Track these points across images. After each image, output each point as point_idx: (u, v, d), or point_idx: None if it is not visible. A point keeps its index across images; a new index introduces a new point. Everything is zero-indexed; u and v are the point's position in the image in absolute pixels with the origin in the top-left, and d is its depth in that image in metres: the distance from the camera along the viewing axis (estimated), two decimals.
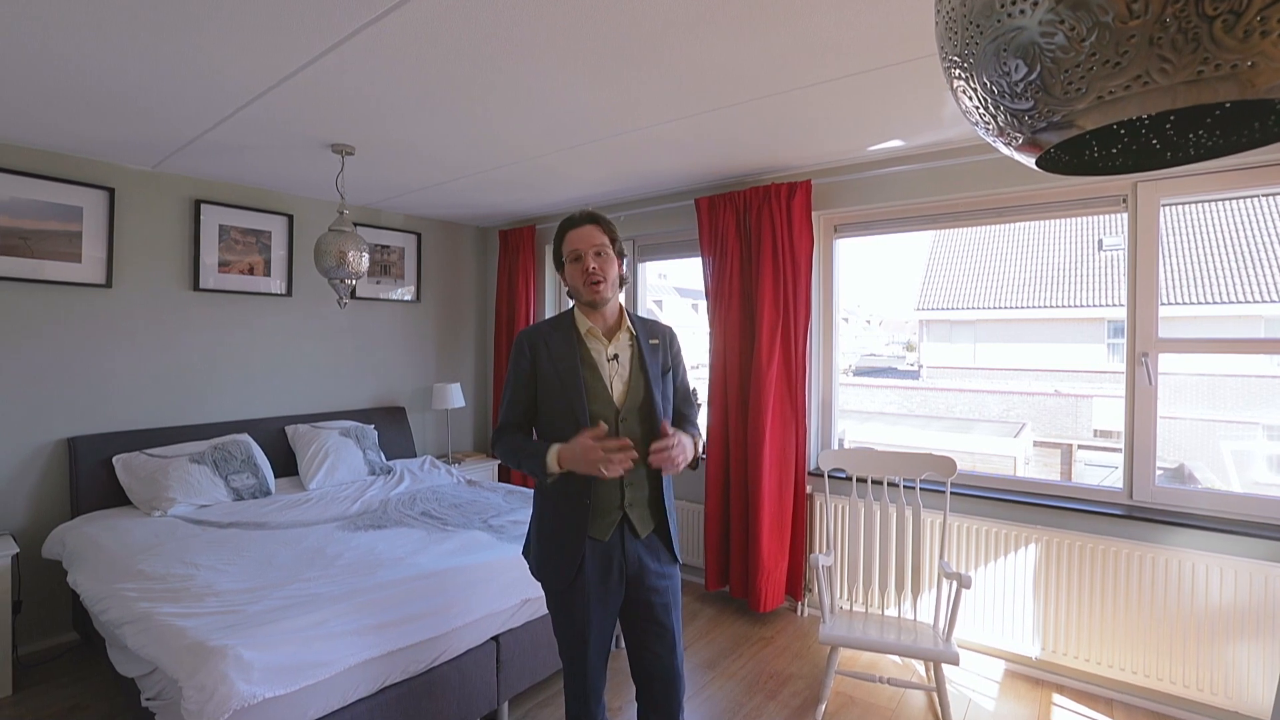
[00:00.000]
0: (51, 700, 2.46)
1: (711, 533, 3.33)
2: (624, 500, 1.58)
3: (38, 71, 1.98)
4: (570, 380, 1.57)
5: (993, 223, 2.88)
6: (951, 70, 0.60)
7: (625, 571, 1.59)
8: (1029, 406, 10.02)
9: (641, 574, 1.60)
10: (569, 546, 1.57)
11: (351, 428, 3.64)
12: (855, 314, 25.45)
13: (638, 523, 1.59)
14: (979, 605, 2.70)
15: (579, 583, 1.57)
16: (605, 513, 1.58)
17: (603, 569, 1.58)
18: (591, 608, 1.57)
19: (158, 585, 2.05)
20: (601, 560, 1.58)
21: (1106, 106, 0.49)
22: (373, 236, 4.03)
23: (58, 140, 2.68)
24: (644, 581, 1.60)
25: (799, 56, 1.87)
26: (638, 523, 1.59)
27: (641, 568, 1.60)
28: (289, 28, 1.69)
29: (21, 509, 2.81)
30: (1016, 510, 2.65)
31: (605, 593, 1.59)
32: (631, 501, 1.59)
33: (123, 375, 3.08)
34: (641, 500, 1.61)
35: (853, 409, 11.25)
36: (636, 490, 1.60)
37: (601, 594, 1.58)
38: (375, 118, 2.37)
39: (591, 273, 1.58)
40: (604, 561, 1.58)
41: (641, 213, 3.82)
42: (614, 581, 1.59)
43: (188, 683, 1.55)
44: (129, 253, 3.08)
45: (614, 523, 1.58)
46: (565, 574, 1.57)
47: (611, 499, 1.58)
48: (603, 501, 1.57)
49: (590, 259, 1.59)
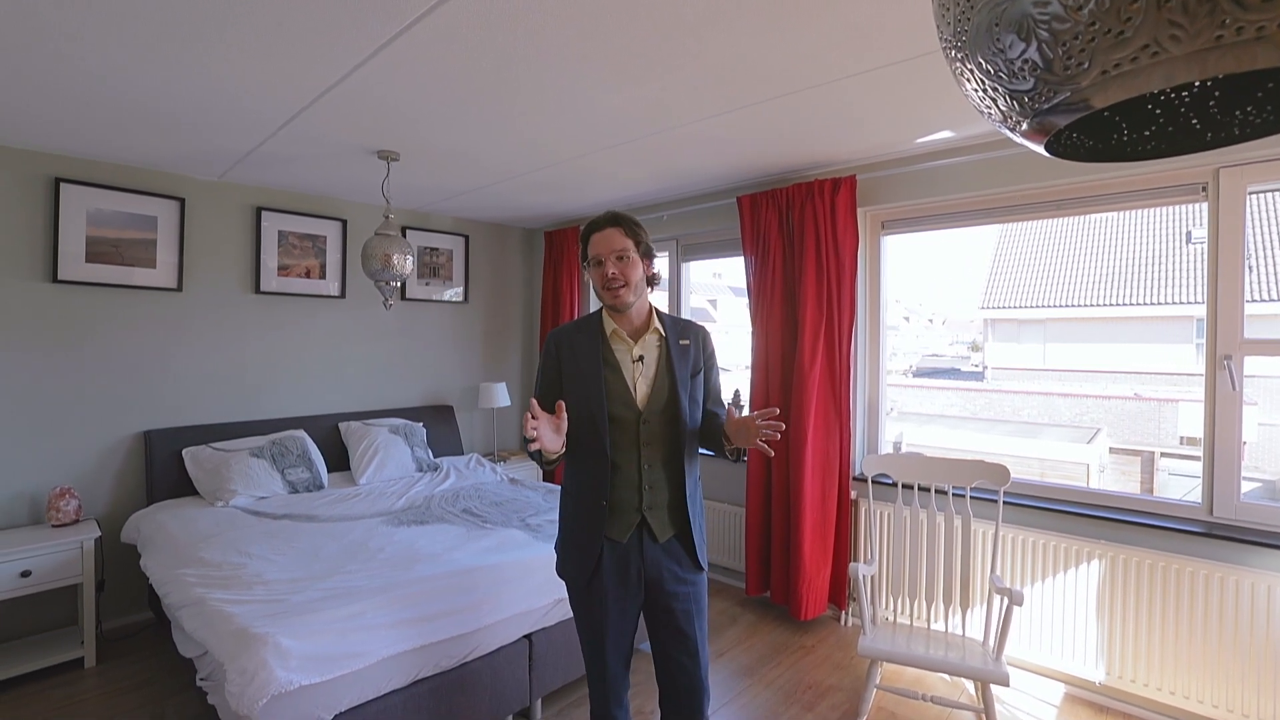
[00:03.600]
0: (129, 673, 2.65)
1: (752, 537, 3.26)
2: (642, 503, 1.56)
3: (113, 97, 2.17)
4: (592, 381, 1.56)
5: (1055, 215, 2.69)
6: (949, 52, 0.55)
7: (644, 575, 1.57)
8: (1105, 411, 9.37)
9: (660, 579, 1.57)
10: (587, 546, 1.57)
11: (401, 425, 3.76)
12: (917, 313, 24.53)
13: (656, 527, 1.57)
14: (1036, 623, 2.54)
15: (596, 583, 1.57)
16: (623, 514, 1.56)
17: (620, 570, 1.56)
18: (609, 608, 1.56)
19: (214, 572, 2.17)
20: (619, 562, 1.56)
21: (1114, 82, 0.44)
22: (422, 239, 4.16)
23: (135, 155, 2.88)
24: (663, 587, 1.58)
25: (839, 45, 1.80)
26: (656, 527, 1.57)
27: (660, 572, 1.57)
28: (322, 47, 1.78)
29: (104, 496, 3.04)
30: (1078, 523, 2.48)
31: (623, 594, 1.57)
32: (650, 505, 1.57)
33: (191, 373, 3.28)
34: (660, 504, 1.58)
35: (912, 411, 10.83)
36: (655, 494, 1.57)
37: (619, 595, 1.57)
38: (412, 124, 2.44)
39: (611, 278, 1.56)
40: (621, 563, 1.56)
41: (684, 212, 3.79)
42: (632, 584, 1.57)
43: (231, 666, 1.64)
44: (197, 258, 3.28)
45: (632, 525, 1.56)
46: (583, 572, 1.58)
47: (630, 500, 1.56)
48: (621, 503, 1.56)
49: (610, 264, 1.56)
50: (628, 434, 1.56)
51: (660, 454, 1.57)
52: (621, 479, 1.55)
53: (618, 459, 1.56)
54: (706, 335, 1.71)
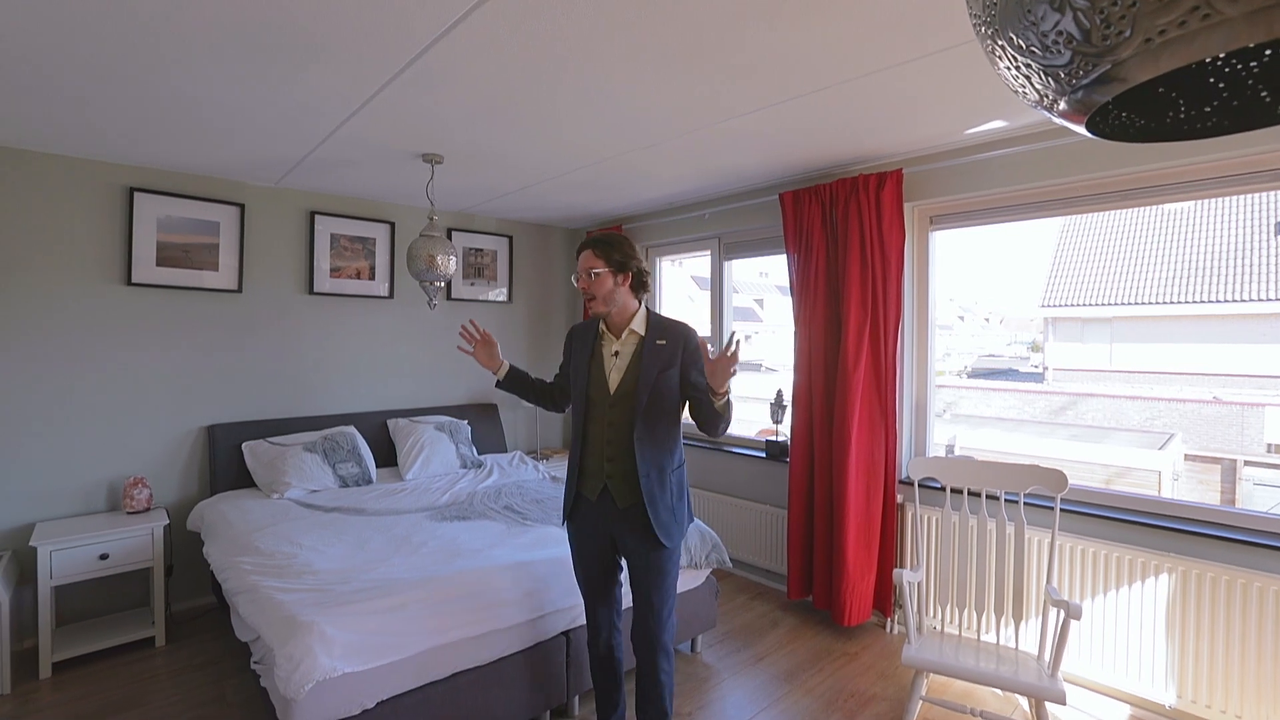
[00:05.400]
0: (194, 653, 2.81)
1: (795, 540, 3.20)
2: (604, 470, 1.90)
3: (182, 113, 2.34)
4: (581, 369, 1.97)
5: (1121, 206, 2.53)
6: (980, 29, 0.52)
7: (607, 530, 1.94)
8: (1179, 415, 8.77)
9: (621, 537, 1.93)
10: (568, 494, 2.00)
11: (446, 423, 3.85)
12: (972, 311, 23.60)
13: (615, 494, 1.89)
14: (1098, 638, 2.40)
15: (571, 526, 2.02)
16: (592, 477, 1.93)
17: (589, 521, 1.97)
18: (581, 546, 2.00)
19: (267, 561, 2.27)
20: (589, 514, 1.96)
21: (1159, 51, 0.40)
22: (467, 240, 4.25)
23: (199, 164, 3.05)
24: (624, 545, 1.94)
25: (883, 34, 1.73)
26: (615, 494, 1.89)
27: (620, 532, 1.92)
28: (362, 60, 1.87)
29: (172, 486, 3.23)
30: (1146, 534, 2.33)
31: (591, 540, 1.97)
32: (610, 473, 1.89)
33: (250, 370, 3.45)
34: (618, 473, 1.89)
35: (967, 414, 10.40)
36: (615, 465, 1.89)
37: (588, 539, 1.98)
38: (453, 127, 2.49)
39: (583, 290, 1.92)
40: (590, 515, 1.96)
41: (726, 209, 3.75)
42: (598, 535, 1.96)
43: (279, 652, 1.70)
44: (256, 260, 3.44)
45: (598, 488, 1.92)
46: (565, 512, 2.03)
47: (597, 465, 1.91)
48: (590, 468, 1.93)
49: (584, 278, 1.90)
50: (599, 412, 1.92)
51: (620, 434, 1.89)
52: (592, 448, 1.93)
53: (589, 431, 1.93)
54: (689, 334, 1.95)
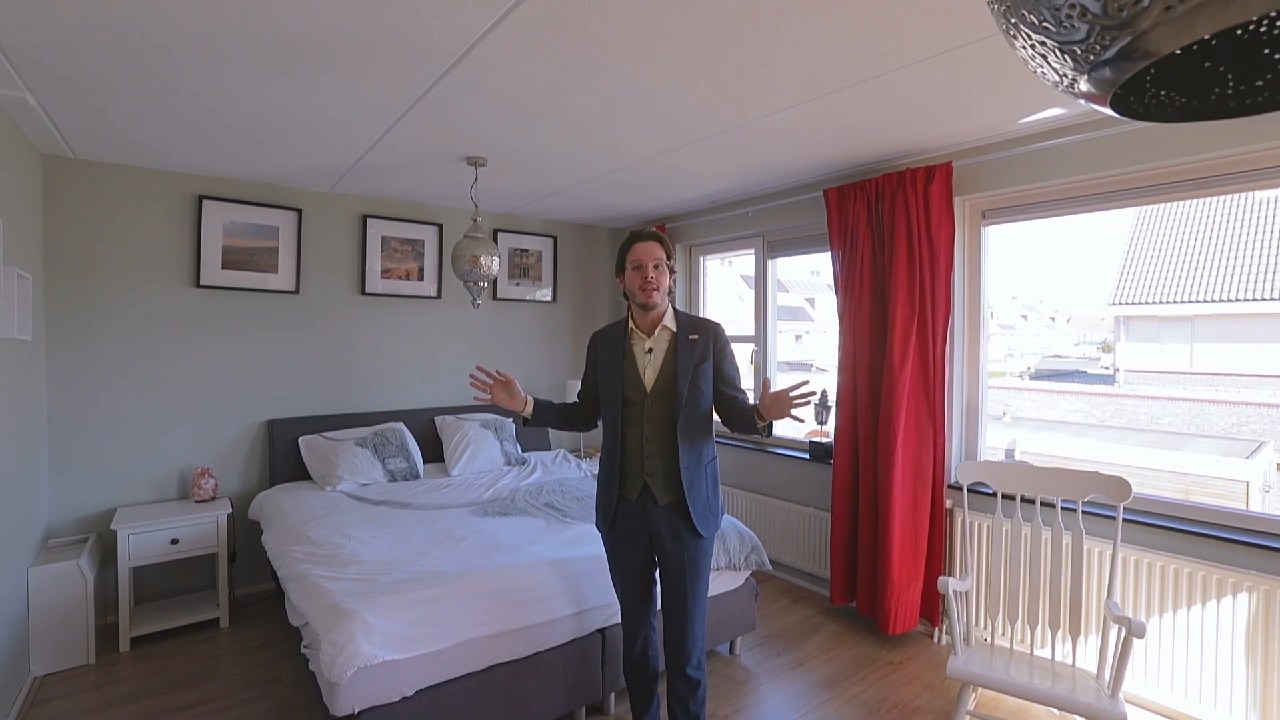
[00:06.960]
0: (254, 635, 2.97)
1: (838, 544, 3.12)
2: (644, 469, 1.88)
3: (243, 124, 2.47)
4: (613, 369, 1.94)
5: (1195, 196, 2.35)
6: (994, 7, 0.49)
7: (648, 530, 1.90)
8: (1272, 421, 8.13)
9: (661, 536, 1.89)
10: (607, 500, 1.95)
11: (491, 420, 3.93)
12: (1036, 310, 22.51)
13: (656, 491, 1.88)
14: (1166, 658, 2.24)
15: (614, 532, 1.94)
16: (632, 477, 1.91)
17: (630, 524, 1.92)
18: (623, 554, 1.94)
19: (317, 550, 2.37)
20: (630, 516, 1.92)
21: (1184, 20, 0.37)
22: (512, 241, 4.33)
23: (260, 171, 3.21)
24: (663, 544, 1.89)
25: (931, 21, 1.67)
26: (656, 491, 1.88)
27: (660, 530, 1.89)
28: (402, 69, 1.96)
29: (235, 477, 3.41)
30: (1223, 549, 2.16)
31: (630, 544, 1.93)
32: (650, 471, 1.88)
33: (306, 368, 3.61)
34: (658, 470, 1.88)
35: (1030, 417, 9.92)
36: (655, 462, 1.88)
37: (627, 543, 1.93)
38: (496, 130, 2.54)
39: (649, 280, 1.90)
40: (631, 517, 1.91)
41: (769, 207, 3.69)
42: (639, 536, 1.91)
43: (324, 637, 1.78)
44: (312, 262, 3.60)
45: (638, 487, 1.89)
46: (604, 521, 1.96)
47: (636, 466, 1.89)
48: (630, 468, 1.91)
49: (649, 269, 1.90)
50: (636, 411, 1.90)
51: (660, 430, 1.88)
52: (630, 448, 1.91)
53: (627, 432, 1.91)
54: (718, 330, 1.98)
